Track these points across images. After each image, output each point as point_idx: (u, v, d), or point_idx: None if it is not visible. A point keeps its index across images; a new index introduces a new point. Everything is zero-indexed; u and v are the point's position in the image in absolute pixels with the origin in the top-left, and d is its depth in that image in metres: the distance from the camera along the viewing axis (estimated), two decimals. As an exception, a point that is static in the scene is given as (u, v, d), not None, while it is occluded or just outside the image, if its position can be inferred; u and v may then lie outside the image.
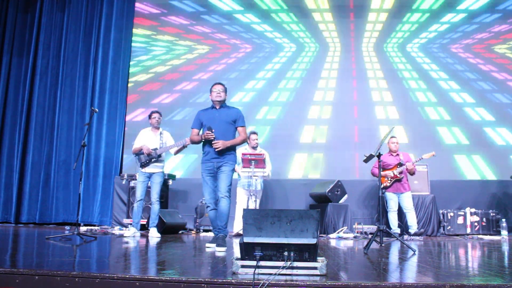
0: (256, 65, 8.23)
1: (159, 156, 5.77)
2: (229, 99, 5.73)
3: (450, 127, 7.75)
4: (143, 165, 5.72)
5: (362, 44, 8.15)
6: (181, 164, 7.88)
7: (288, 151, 7.79)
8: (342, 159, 7.72)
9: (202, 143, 4.38)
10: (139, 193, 5.71)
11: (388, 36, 8.14)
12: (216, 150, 4.21)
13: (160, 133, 5.88)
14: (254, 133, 6.54)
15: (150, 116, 5.93)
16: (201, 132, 4.40)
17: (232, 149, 4.34)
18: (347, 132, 7.85)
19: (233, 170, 4.33)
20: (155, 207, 5.70)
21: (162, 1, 8.55)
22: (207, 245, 4.29)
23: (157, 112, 5.95)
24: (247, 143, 6.21)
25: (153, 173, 5.76)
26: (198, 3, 8.49)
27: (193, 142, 4.53)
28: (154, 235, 5.56)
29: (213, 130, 4.21)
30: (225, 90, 4.43)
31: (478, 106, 7.82)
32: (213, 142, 4.21)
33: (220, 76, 8.09)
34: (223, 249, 4.00)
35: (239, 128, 4.40)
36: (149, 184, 5.81)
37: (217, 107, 4.41)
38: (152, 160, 5.73)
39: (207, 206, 4.34)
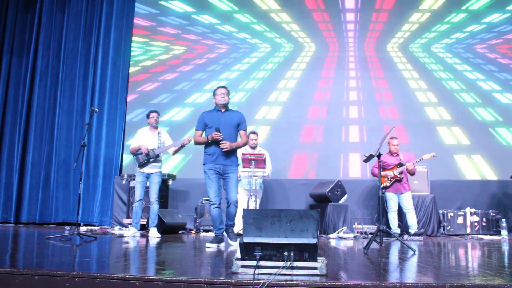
0: (255, 65, 8.23)
1: (157, 156, 5.77)
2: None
3: (450, 127, 7.75)
4: (141, 165, 5.71)
5: (364, 44, 8.15)
6: (181, 164, 7.88)
7: (288, 151, 7.79)
8: (341, 159, 7.72)
9: (208, 146, 4.50)
10: (138, 193, 5.71)
11: (391, 36, 8.13)
12: (223, 150, 4.38)
13: (158, 133, 5.87)
14: (254, 133, 6.54)
15: (148, 116, 5.92)
16: (204, 134, 4.56)
17: (235, 151, 4.57)
18: (347, 132, 7.85)
19: (237, 176, 4.62)
20: (154, 207, 5.70)
21: (159, 2, 8.55)
22: (208, 245, 4.31)
23: (155, 111, 5.94)
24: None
25: (151, 173, 5.75)
26: (195, 3, 8.49)
27: (197, 143, 4.60)
28: (154, 235, 5.56)
29: (220, 131, 4.35)
30: (228, 93, 4.57)
31: (479, 106, 7.82)
32: (221, 143, 4.36)
33: (217, 75, 8.13)
34: (236, 242, 4.35)
35: (241, 132, 4.60)
36: (147, 184, 5.80)
37: (222, 110, 4.56)
38: (150, 160, 5.72)
39: (212, 204, 4.43)
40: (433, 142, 7.60)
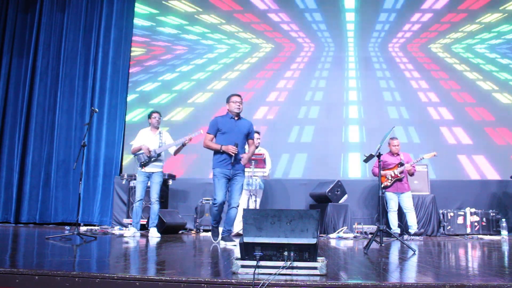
0: (255, 65, 8.23)
1: (159, 155, 5.77)
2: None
3: (451, 127, 7.75)
4: (143, 165, 5.71)
5: (364, 44, 8.15)
6: (181, 164, 7.88)
7: (288, 151, 7.79)
8: (341, 159, 7.72)
9: (215, 151, 4.66)
10: (139, 193, 5.71)
11: (393, 36, 8.13)
12: (243, 164, 4.67)
13: (159, 133, 5.88)
14: (256, 132, 6.53)
15: (150, 116, 5.92)
16: (215, 140, 4.73)
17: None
18: (347, 132, 7.85)
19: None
20: (155, 207, 5.70)
21: (160, 1, 8.55)
22: (223, 243, 4.54)
23: (157, 112, 5.94)
24: None
25: (153, 172, 5.75)
26: (196, 2, 8.48)
27: (206, 146, 4.71)
28: (154, 235, 5.56)
29: (237, 146, 4.56)
30: (242, 101, 4.69)
31: (478, 106, 7.82)
32: (241, 158, 4.62)
33: (218, 76, 8.14)
34: (230, 244, 4.45)
35: (250, 140, 4.82)
36: (148, 184, 5.80)
37: (236, 118, 4.70)
38: (152, 159, 5.72)
39: (214, 204, 4.56)
40: (435, 142, 7.59)
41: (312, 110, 7.99)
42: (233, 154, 4.51)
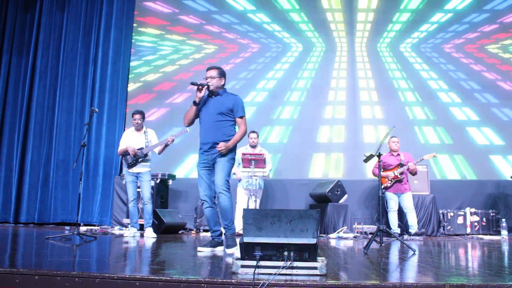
0: (265, 64, 8.19)
1: (146, 155, 5.75)
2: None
3: (480, 127, 7.69)
4: (130, 166, 5.70)
5: (377, 44, 8.12)
6: (181, 164, 7.87)
7: (288, 151, 7.78)
8: (342, 159, 7.72)
9: (199, 136, 4.00)
10: (131, 193, 5.71)
11: (402, 36, 8.11)
12: (221, 153, 3.84)
13: (144, 132, 5.81)
14: (254, 132, 6.53)
15: (132, 117, 5.83)
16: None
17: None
18: (347, 132, 7.85)
19: (231, 161, 3.92)
20: (148, 207, 5.69)
21: (171, 1, 8.53)
22: (199, 249, 3.81)
23: (138, 113, 5.79)
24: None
25: (140, 172, 5.73)
26: (210, 2, 8.43)
27: (185, 116, 4.02)
28: (150, 235, 5.54)
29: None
30: (216, 76, 4.02)
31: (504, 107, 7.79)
32: (217, 147, 3.85)
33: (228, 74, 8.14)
34: (233, 249, 3.76)
35: (237, 120, 4.03)
36: (138, 185, 5.80)
37: (211, 96, 4.03)
38: (139, 160, 5.71)
39: (202, 203, 3.94)
40: (435, 141, 7.59)
41: (312, 110, 7.97)
42: (204, 87, 3.86)
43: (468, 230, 6.71)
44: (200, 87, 3.90)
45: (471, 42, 8.00)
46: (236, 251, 3.64)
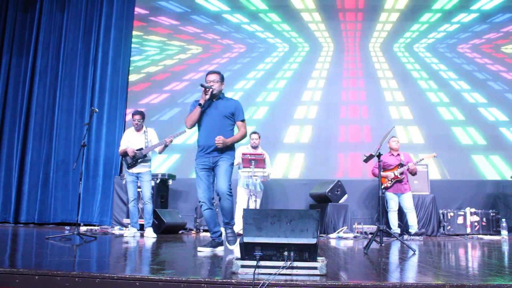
0: (247, 65, 8.21)
1: (145, 155, 5.75)
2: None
3: (465, 127, 7.73)
4: (130, 166, 5.70)
5: (369, 44, 8.14)
6: (181, 164, 7.87)
7: (288, 151, 7.79)
8: (342, 159, 7.73)
9: (198, 138, 4.03)
10: (131, 193, 5.71)
11: (396, 36, 8.13)
12: (217, 146, 3.86)
13: (144, 132, 5.81)
14: (255, 132, 6.54)
15: (132, 117, 5.83)
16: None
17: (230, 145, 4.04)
18: (347, 132, 7.85)
19: (232, 165, 3.99)
20: (148, 207, 5.69)
21: (151, 2, 8.54)
22: (200, 249, 3.85)
23: (138, 113, 5.79)
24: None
25: (140, 172, 5.73)
26: (186, 4, 8.47)
27: (189, 118, 3.99)
28: (150, 235, 5.54)
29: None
30: (218, 80, 4.08)
31: (491, 106, 7.81)
32: (216, 139, 3.85)
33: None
34: (235, 245, 3.86)
35: (238, 123, 4.10)
36: (139, 185, 5.80)
37: (214, 99, 4.04)
38: (139, 160, 5.71)
39: (201, 205, 3.93)
40: (436, 142, 7.59)
41: (312, 110, 7.98)
42: (209, 90, 3.88)
43: (468, 230, 6.71)
44: (208, 89, 3.92)
45: (464, 42, 8.05)
46: (237, 247, 3.66)
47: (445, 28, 8.12)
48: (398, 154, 6.34)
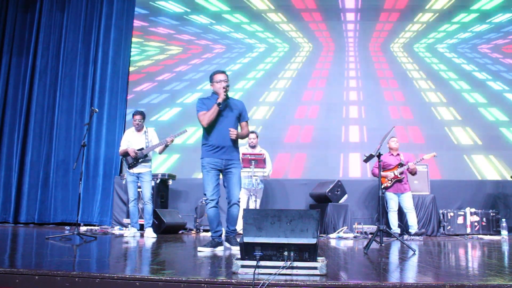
0: (248, 65, 8.21)
1: (146, 155, 5.75)
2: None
3: (465, 127, 7.74)
4: (131, 166, 5.70)
5: (369, 44, 8.14)
6: (181, 164, 7.88)
7: (288, 151, 7.79)
8: (341, 159, 7.73)
9: (209, 137, 4.01)
10: (131, 193, 5.71)
11: (393, 36, 8.13)
12: (231, 138, 3.97)
13: (145, 132, 5.81)
14: (253, 132, 6.55)
15: (132, 117, 5.84)
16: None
17: (238, 147, 4.17)
18: (347, 132, 7.85)
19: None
20: (148, 207, 5.69)
21: (151, 2, 8.54)
22: (200, 249, 3.86)
23: (139, 113, 5.80)
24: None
25: (141, 173, 5.73)
26: (187, 4, 8.47)
27: (207, 118, 3.94)
28: (150, 236, 5.54)
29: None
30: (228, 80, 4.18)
31: (491, 106, 7.81)
32: (230, 130, 3.96)
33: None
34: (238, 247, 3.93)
35: (243, 123, 4.23)
36: (139, 185, 5.80)
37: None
38: (140, 160, 5.71)
39: (208, 202, 3.95)
40: (435, 142, 7.60)
41: (313, 110, 7.98)
42: (224, 92, 3.89)
43: (468, 230, 6.71)
44: (228, 88, 3.98)
45: (464, 42, 8.06)
46: (237, 250, 3.64)
47: (445, 28, 8.12)
48: (398, 154, 6.35)
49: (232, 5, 8.42)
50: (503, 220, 6.46)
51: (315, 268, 2.42)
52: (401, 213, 6.37)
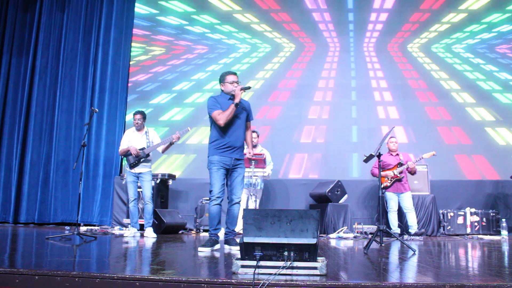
0: (255, 65, 8.22)
1: (147, 155, 5.75)
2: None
3: (451, 127, 7.75)
4: (132, 166, 5.70)
5: (363, 44, 8.15)
6: (181, 164, 7.88)
7: (288, 151, 7.79)
8: (341, 159, 7.73)
9: (222, 136, 4.04)
10: (132, 193, 5.71)
11: (391, 36, 8.13)
12: (249, 155, 4.33)
13: (146, 132, 5.81)
14: (254, 131, 6.53)
15: (133, 117, 5.84)
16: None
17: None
18: (348, 132, 7.85)
19: None
20: (149, 207, 5.68)
21: (158, 1, 8.54)
22: (200, 249, 3.87)
23: (139, 113, 5.80)
24: None
25: (141, 172, 5.73)
26: (195, 3, 8.47)
27: (224, 117, 3.99)
28: (150, 235, 5.54)
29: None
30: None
31: (479, 106, 7.82)
32: (248, 152, 4.32)
33: (217, 75, 8.13)
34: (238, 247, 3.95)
35: (248, 123, 4.33)
36: (139, 185, 5.80)
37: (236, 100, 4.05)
38: (141, 160, 5.71)
39: (213, 200, 3.97)
40: (434, 142, 7.59)
41: (313, 110, 7.97)
42: (240, 92, 3.96)
43: (468, 230, 6.71)
44: (244, 89, 4.04)
45: (458, 42, 8.07)
46: (237, 250, 3.75)
47: (471, 29, 8.11)
48: (397, 154, 6.35)
49: (242, 3, 8.38)
50: (503, 220, 6.46)
51: (315, 268, 2.42)
52: (401, 213, 6.37)
